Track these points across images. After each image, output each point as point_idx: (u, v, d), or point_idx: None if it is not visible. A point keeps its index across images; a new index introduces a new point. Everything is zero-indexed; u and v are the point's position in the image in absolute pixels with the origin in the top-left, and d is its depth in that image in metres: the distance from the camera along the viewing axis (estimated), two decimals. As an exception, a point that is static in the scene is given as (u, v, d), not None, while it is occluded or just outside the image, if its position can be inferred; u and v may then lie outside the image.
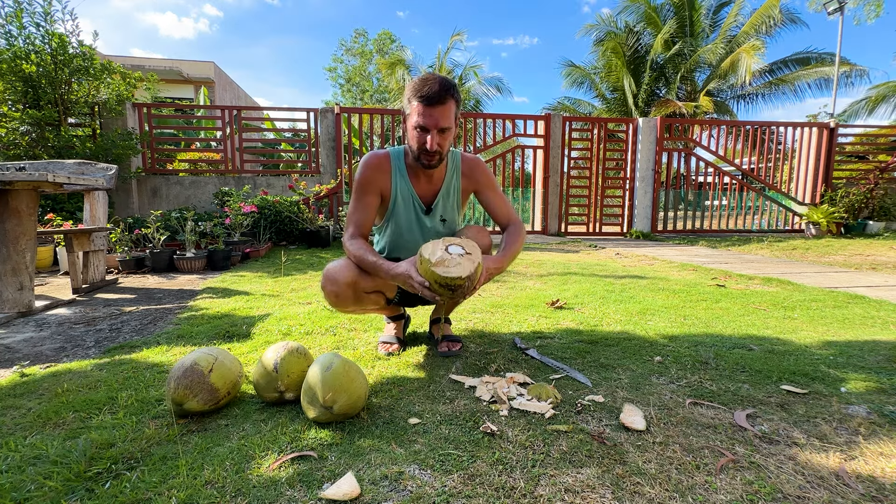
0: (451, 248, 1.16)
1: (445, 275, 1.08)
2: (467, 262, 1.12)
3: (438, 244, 1.17)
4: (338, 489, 0.77)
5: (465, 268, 1.10)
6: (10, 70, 4.08)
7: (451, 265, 1.10)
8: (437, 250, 1.14)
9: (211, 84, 13.19)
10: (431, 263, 1.10)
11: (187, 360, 1.05)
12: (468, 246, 1.18)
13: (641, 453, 0.90)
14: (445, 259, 1.11)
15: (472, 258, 1.14)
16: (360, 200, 1.37)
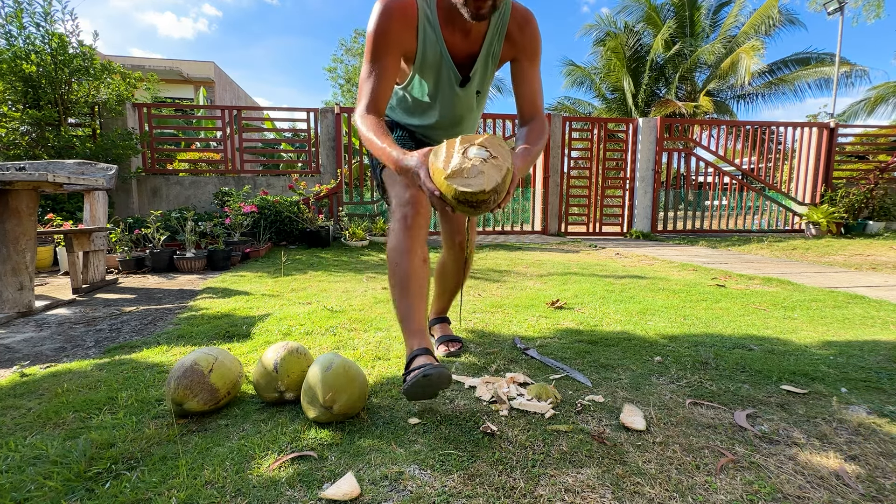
0: (472, 151, 0.91)
1: (465, 189, 0.86)
2: (492, 170, 0.89)
3: (455, 146, 0.93)
4: (338, 489, 0.77)
5: (490, 177, 0.88)
6: (10, 70, 4.08)
7: (472, 175, 0.88)
8: (453, 155, 0.91)
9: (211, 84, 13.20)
10: (446, 174, 0.88)
11: (187, 360, 1.05)
12: (494, 147, 0.93)
13: (641, 453, 0.90)
14: (465, 166, 0.88)
15: (500, 164, 0.90)
16: (374, 63, 1.04)
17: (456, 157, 0.90)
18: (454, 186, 0.87)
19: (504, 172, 0.89)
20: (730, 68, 12.88)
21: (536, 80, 1.16)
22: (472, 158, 0.89)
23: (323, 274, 3.25)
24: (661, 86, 14.75)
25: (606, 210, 7.00)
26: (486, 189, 0.86)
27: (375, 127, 1.03)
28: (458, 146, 0.92)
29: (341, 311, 2.09)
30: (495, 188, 0.88)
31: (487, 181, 0.87)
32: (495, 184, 0.87)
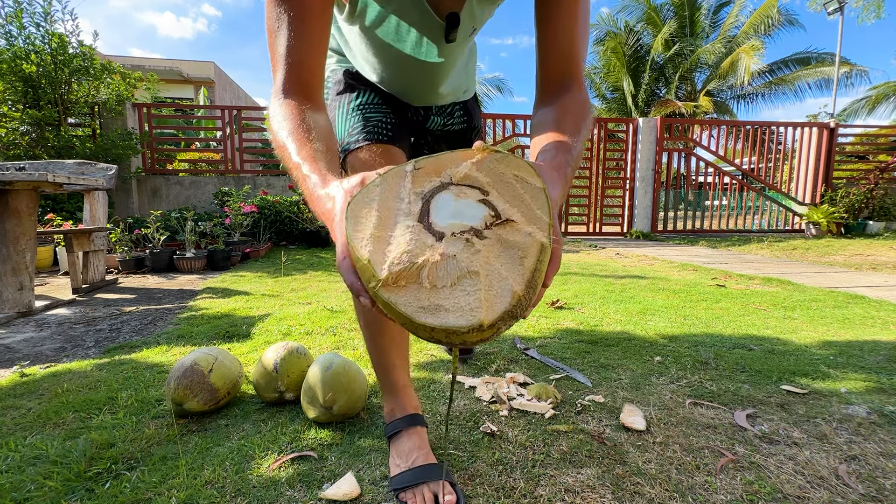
0: (446, 204, 0.40)
1: (431, 322, 0.34)
2: (501, 265, 0.35)
3: (403, 184, 0.42)
4: (338, 489, 0.77)
5: (494, 292, 0.34)
6: (10, 70, 4.08)
7: (446, 284, 0.35)
8: (396, 219, 0.39)
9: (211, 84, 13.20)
10: (380, 279, 0.35)
11: (187, 360, 1.05)
12: (501, 183, 0.41)
13: (641, 453, 0.90)
14: (427, 262, 0.35)
15: (518, 238, 0.37)
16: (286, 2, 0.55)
17: (404, 232, 0.37)
18: (402, 311, 0.34)
19: (531, 266, 0.35)
20: (730, 68, 12.89)
21: (581, 13, 0.61)
22: (446, 235, 0.37)
23: (323, 274, 3.25)
24: (661, 86, 14.76)
25: (606, 210, 7.00)
26: (481, 324, 0.33)
27: (294, 120, 0.53)
28: (408, 187, 0.41)
29: (341, 311, 2.09)
30: (507, 314, 0.34)
31: (487, 304, 0.34)
32: (505, 308, 0.34)
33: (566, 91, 0.62)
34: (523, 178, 0.41)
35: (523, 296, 0.34)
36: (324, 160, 0.50)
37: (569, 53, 0.62)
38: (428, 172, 0.42)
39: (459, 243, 0.36)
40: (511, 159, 0.42)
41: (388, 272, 0.34)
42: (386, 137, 0.86)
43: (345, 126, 0.88)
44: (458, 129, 1.04)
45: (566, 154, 0.52)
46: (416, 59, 0.79)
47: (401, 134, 0.89)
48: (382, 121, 0.87)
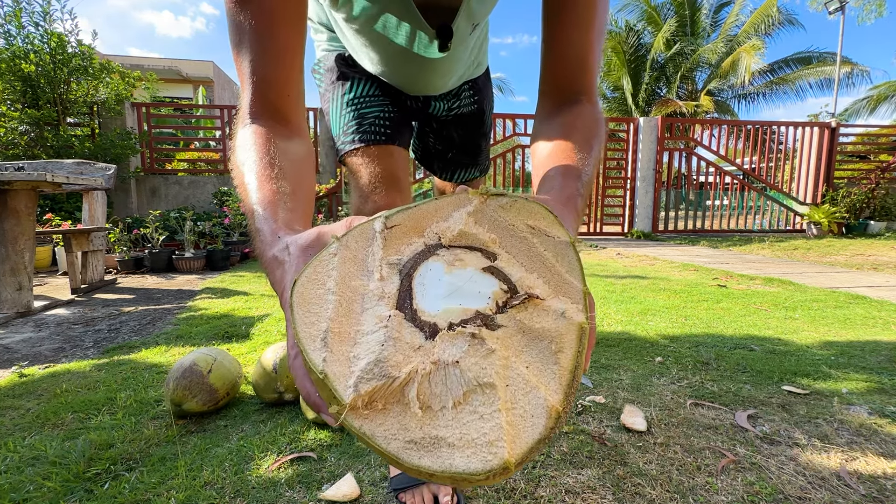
0: (437, 290, 0.27)
1: (420, 465, 0.21)
2: (523, 396, 0.23)
3: (370, 268, 0.28)
4: (337, 490, 0.77)
5: (512, 428, 0.22)
6: (9, 69, 4.08)
7: (445, 426, 0.22)
8: (361, 321, 0.26)
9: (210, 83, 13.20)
10: (345, 401, 0.23)
11: (186, 360, 1.05)
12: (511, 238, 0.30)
13: (642, 454, 0.89)
14: (412, 386, 0.23)
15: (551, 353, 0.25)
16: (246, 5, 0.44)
17: (375, 327, 0.25)
18: (383, 449, 0.22)
19: (569, 362, 0.24)
20: (730, 67, 12.88)
21: (599, 15, 0.52)
22: (440, 330, 0.25)
23: (323, 274, 3.24)
24: (661, 85, 14.76)
25: (607, 210, 7.00)
26: (505, 465, 0.21)
27: (257, 152, 0.44)
28: (377, 254, 0.29)
29: (341, 310, 2.09)
30: (542, 443, 0.22)
31: (512, 432, 0.22)
32: (539, 435, 0.22)
33: (575, 105, 0.52)
34: (541, 229, 0.29)
35: (563, 410, 0.22)
36: (285, 206, 0.40)
37: (581, 62, 0.52)
38: (405, 231, 0.30)
39: (462, 342, 0.24)
40: (521, 204, 0.30)
41: (354, 393, 0.22)
42: (384, 136, 0.80)
43: (339, 123, 0.81)
44: (468, 111, 0.92)
45: (575, 182, 0.43)
46: (415, 53, 0.69)
47: (400, 128, 0.83)
48: (380, 116, 0.80)
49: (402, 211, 0.31)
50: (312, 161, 0.52)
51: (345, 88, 0.82)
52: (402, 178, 0.80)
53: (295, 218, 0.40)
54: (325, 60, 0.85)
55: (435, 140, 0.96)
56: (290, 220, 0.39)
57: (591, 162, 0.46)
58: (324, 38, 0.86)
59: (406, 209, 0.31)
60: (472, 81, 0.91)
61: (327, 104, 0.85)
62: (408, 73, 0.77)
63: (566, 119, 0.51)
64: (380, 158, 0.78)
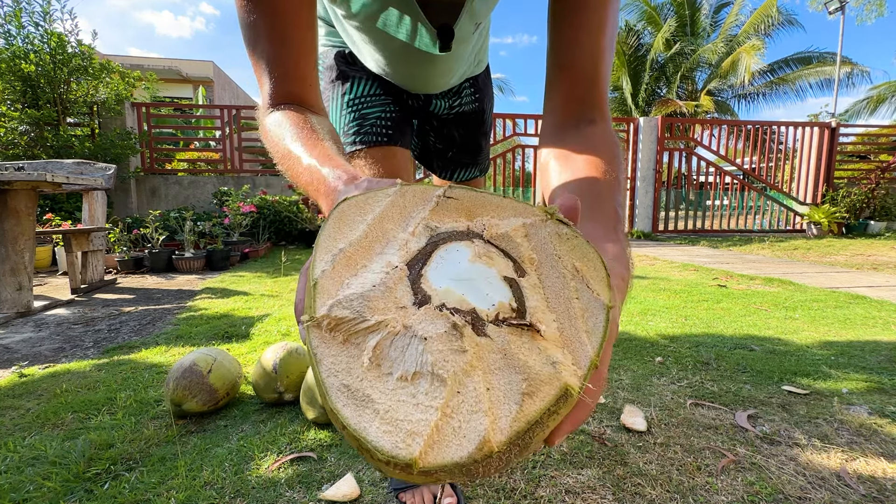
0: (450, 269, 0.26)
1: (338, 409, 0.21)
2: (466, 413, 0.21)
3: (409, 222, 0.29)
4: (337, 490, 0.77)
5: (438, 434, 0.20)
6: (9, 69, 4.08)
7: (381, 390, 0.21)
8: (373, 258, 0.27)
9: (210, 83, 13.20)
10: (314, 318, 0.23)
11: (186, 360, 1.05)
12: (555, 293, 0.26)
13: (642, 454, 0.89)
14: (374, 336, 0.23)
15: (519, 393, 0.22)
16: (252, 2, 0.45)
17: (378, 269, 0.26)
18: (319, 372, 0.22)
19: (532, 413, 0.21)
20: (730, 68, 12.89)
21: (610, 23, 0.49)
22: (431, 303, 0.24)
23: (323, 274, 3.24)
24: (661, 85, 14.76)
25: (606, 210, 6.99)
26: (410, 462, 0.19)
27: (296, 125, 0.46)
28: (422, 214, 0.30)
29: (341, 310, 2.09)
30: (457, 467, 0.20)
31: (435, 438, 0.20)
32: (458, 459, 0.20)
33: (590, 125, 0.47)
34: (585, 277, 0.26)
35: (498, 452, 0.20)
36: (343, 158, 0.42)
37: (593, 75, 0.48)
38: (458, 209, 0.30)
39: (441, 325, 0.23)
40: (579, 243, 0.28)
41: (326, 311, 0.23)
42: (386, 137, 0.79)
43: (339, 123, 0.80)
44: (469, 109, 0.91)
45: (619, 234, 0.36)
46: (417, 51, 0.68)
47: (402, 128, 0.82)
48: (381, 116, 0.79)
49: (467, 190, 0.31)
50: (339, 138, 0.52)
51: (344, 88, 0.81)
52: (404, 179, 0.80)
53: (349, 169, 0.39)
54: (325, 57, 0.84)
55: (435, 139, 0.95)
56: (349, 169, 0.39)
57: (623, 201, 0.42)
58: (322, 33, 0.84)
59: (472, 190, 0.31)
60: (472, 79, 0.91)
61: (326, 103, 0.84)
62: (410, 71, 0.76)
63: (586, 142, 0.46)
64: (382, 160, 0.78)
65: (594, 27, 0.47)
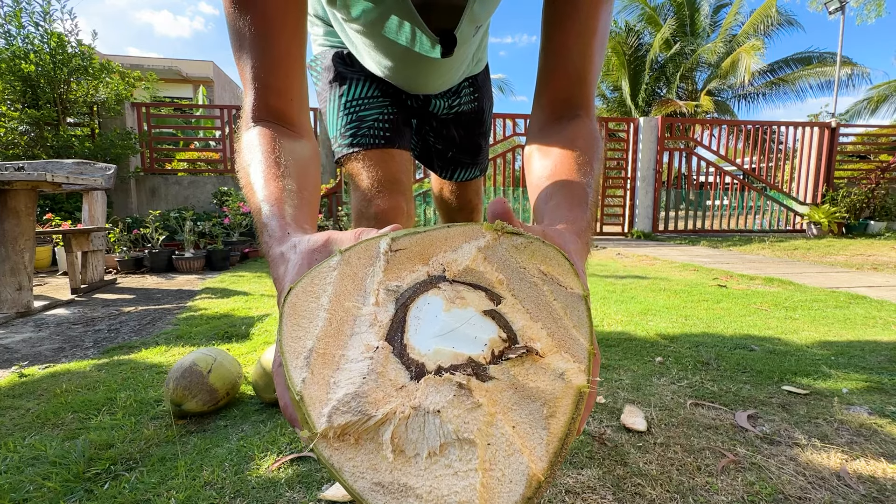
0: (432, 327, 0.25)
1: None
2: (503, 459, 0.22)
3: (367, 289, 0.28)
4: (337, 490, 0.77)
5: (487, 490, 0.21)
6: (9, 69, 4.08)
7: (416, 475, 0.21)
8: (348, 346, 0.25)
9: (210, 83, 13.20)
10: (318, 428, 0.22)
11: (186, 360, 1.05)
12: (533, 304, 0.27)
13: (642, 454, 0.89)
14: (388, 427, 0.22)
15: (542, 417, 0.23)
16: (238, 7, 0.44)
17: (360, 356, 0.25)
18: (349, 484, 0.21)
19: (560, 430, 0.23)
20: (730, 68, 12.89)
21: (601, 28, 0.50)
22: (427, 372, 0.24)
23: (323, 274, 3.24)
24: (661, 85, 14.76)
25: (607, 210, 7.00)
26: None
27: (263, 152, 0.45)
28: (377, 277, 0.28)
29: (341, 310, 2.09)
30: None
31: (486, 495, 0.21)
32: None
33: (573, 120, 0.51)
34: (554, 277, 0.27)
35: (545, 480, 0.21)
36: (291, 203, 0.40)
37: (581, 76, 0.51)
38: (410, 257, 0.29)
39: (447, 390, 0.22)
40: (537, 247, 0.28)
41: (327, 423, 0.22)
42: (384, 140, 0.78)
43: (336, 125, 0.80)
44: (468, 109, 0.90)
45: (584, 211, 0.40)
46: (418, 54, 0.68)
47: (400, 129, 0.82)
48: (379, 119, 0.78)
49: (410, 234, 0.30)
50: (318, 161, 0.52)
51: (342, 90, 0.80)
52: (403, 182, 0.79)
53: (301, 215, 0.40)
54: (323, 58, 0.83)
55: (435, 139, 0.95)
56: (297, 216, 0.39)
57: (594, 184, 0.45)
58: (320, 33, 0.83)
59: (415, 233, 0.30)
60: (471, 79, 0.90)
61: (324, 104, 0.83)
62: (410, 73, 0.75)
63: (566, 134, 0.49)
64: (381, 163, 0.77)
65: (585, 34, 0.49)
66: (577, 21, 0.49)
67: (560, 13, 0.49)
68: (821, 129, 6.81)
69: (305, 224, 0.39)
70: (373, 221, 0.76)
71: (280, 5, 0.45)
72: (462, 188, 1.03)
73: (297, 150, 0.47)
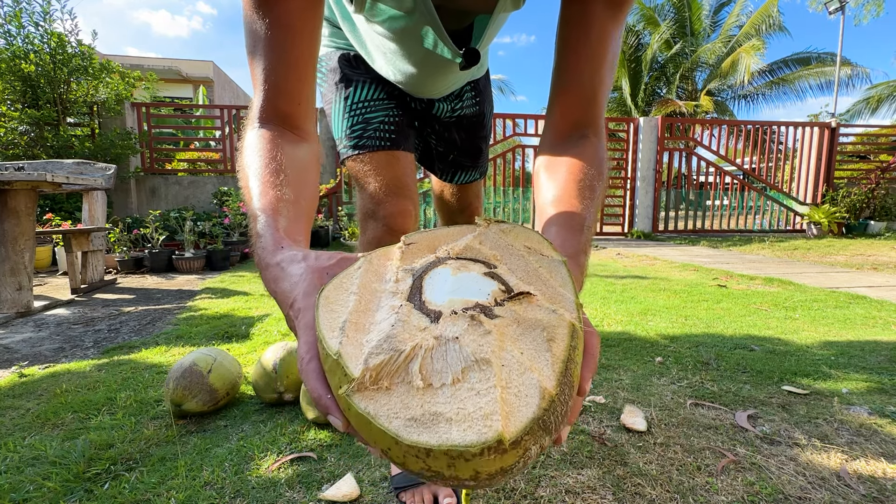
0: (443, 287, 0.30)
1: (419, 441, 0.22)
2: (517, 376, 0.24)
3: (387, 275, 0.32)
4: (337, 490, 0.77)
5: (507, 404, 0.23)
6: (9, 69, 4.08)
7: (444, 401, 0.23)
8: (376, 313, 0.29)
9: (210, 83, 13.20)
10: (354, 379, 0.24)
11: (186, 360, 1.05)
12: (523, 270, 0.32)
13: (642, 454, 0.89)
14: (416, 360, 0.25)
15: (544, 340, 0.26)
16: (261, 10, 0.45)
17: (388, 315, 0.28)
18: (385, 427, 0.23)
19: (562, 353, 0.25)
20: (730, 68, 12.89)
21: (611, 52, 0.53)
22: (444, 315, 0.27)
23: (323, 274, 3.24)
24: (661, 85, 14.76)
25: (607, 210, 7.00)
26: (500, 439, 0.21)
27: (264, 157, 0.45)
28: (395, 264, 0.33)
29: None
30: (536, 423, 0.23)
31: (507, 408, 0.23)
32: (533, 414, 0.23)
33: (581, 139, 0.53)
34: (536, 249, 0.33)
35: (556, 396, 0.23)
36: (287, 214, 0.41)
37: (591, 97, 0.53)
38: (420, 249, 0.35)
39: (462, 322, 0.26)
40: (520, 230, 0.35)
41: (363, 367, 0.24)
42: (389, 142, 0.79)
43: (341, 126, 0.81)
44: (470, 112, 0.93)
45: (578, 236, 0.42)
46: (436, 54, 0.69)
47: (406, 131, 0.83)
48: (384, 121, 0.80)
49: (418, 233, 0.36)
50: (318, 167, 0.53)
51: (348, 92, 0.81)
52: (409, 184, 0.80)
53: (296, 228, 0.41)
54: (328, 59, 0.84)
55: (437, 141, 0.96)
56: (290, 229, 0.40)
57: (594, 207, 0.47)
58: (326, 34, 0.84)
59: (424, 232, 0.37)
60: (473, 82, 0.92)
61: (329, 105, 0.84)
62: (423, 78, 0.77)
63: (574, 154, 0.52)
64: (386, 165, 0.78)
65: (595, 59, 0.52)
66: (588, 46, 0.51)
67: (573, 38, 0.52)
68: (821, 129, 6.81)
69: (299, 236, 0.41)
70: (381, 223, 0.77)
71: (299, 11, 0.46)
72: (462, 190, 1.04)
73: (298, 156, 0.48)
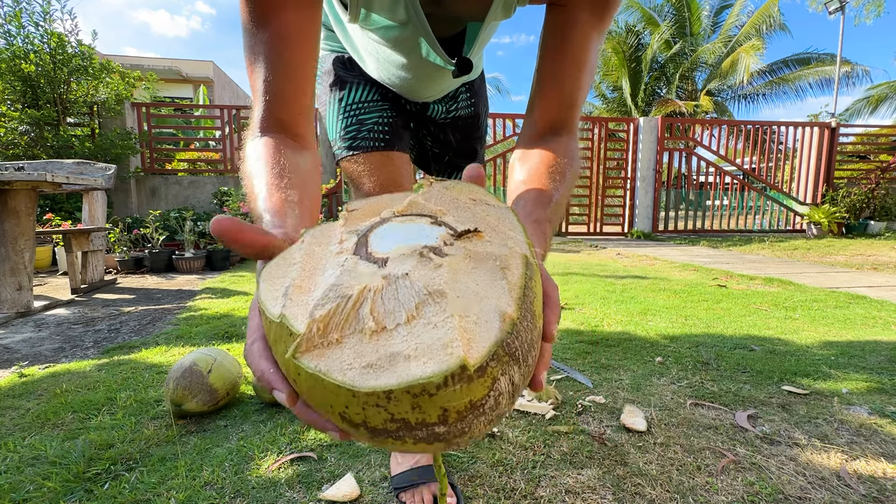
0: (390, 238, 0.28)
1: (377, 385, 0.20)
2: (475, 304, 0.22)
3: (332, 239, 0.30)
4: (337, 490, 0.77)
5: (466, 331, 0.21)
6: (9, 69, 4.08)
7: (400, 340, 0.21)
8: (322, 274, 0.26)
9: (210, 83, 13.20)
10: (300, 336, 0.22)
11: (186, 360, 1.05)
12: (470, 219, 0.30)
13: (642, 454, 0.89)
14: (365, 304, 0.23)
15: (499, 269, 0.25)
16: (258, 25, 0.47)
17: (333, 270, 0.26)
18: (339, 380, 0.20)
19: (518, 280, 0.24)
20: (730, 68, 12.89)
21: (590, 61, 0.56)
22: (391, 258, 0.25)
23: (323, 274, 3.24)
24: (661, 85, 14.76)
25: (607, 210, 7.00)
26: (463, 365, 0.19)
27: (268, 163, 0.46)
28: (339, 229, 0.31)
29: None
30: (500, 346, 0.21)
31: (466, 335, 0.21)
32: (495, 337, 0.21)
33: (556, 136, 0.56)
34: (481, 200, 0.32)
35: (518, 320, 0.22)
36: (293, 213, 0.41)
37: (569, 102, 0.56)
38: (364, 214, 0.33)
39: (412, 260, 0.24)
40: (464, 185, 0.34)
41: (309, 319, 0.22)
42: (383, 143, 0.80)
43: (336, 128, 0.81)
44: (465, 113, 0.92)
45: (545, 208, 0.45)
46: (429, 61, 0.70)
47: (400, 132, 0.84)
48: (379, 122, 0.80)
49: (360, 202, 0.35)
50: (319, 172, 0.54)
51: (342, 93, 0.82)
52: (403, 184, 0.81)
53: (303, 226, 0.42)
54: (323, 62, 0.85)
55: (432, 142, 0.96)
56: (298, 227, 0.41)
57: (563, 191, 0.49)
58: (321, 37, 0.85)
59: (366, 200, 0.35)
60: (468, 84, 0.92)
61: (324, 107, 0.84)
62: (416, 83, 0.78)
63: (547, 147, 0.54)
64: (381, 165, 0.79)
65: (576, 63, 0.55)
66: (568, 53, 0.55)
67: (555, 45, 0.55)
68: (821, 129, 6.81)
69: None
70: None
71: (298, 22, 0.47)
72: None
73: (300, 162, 0.48)
